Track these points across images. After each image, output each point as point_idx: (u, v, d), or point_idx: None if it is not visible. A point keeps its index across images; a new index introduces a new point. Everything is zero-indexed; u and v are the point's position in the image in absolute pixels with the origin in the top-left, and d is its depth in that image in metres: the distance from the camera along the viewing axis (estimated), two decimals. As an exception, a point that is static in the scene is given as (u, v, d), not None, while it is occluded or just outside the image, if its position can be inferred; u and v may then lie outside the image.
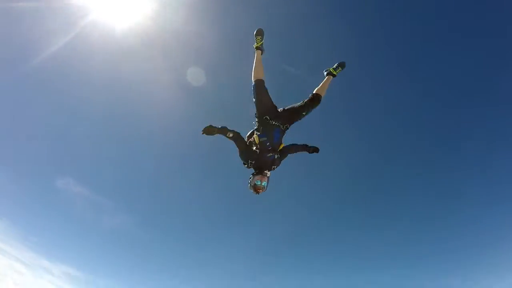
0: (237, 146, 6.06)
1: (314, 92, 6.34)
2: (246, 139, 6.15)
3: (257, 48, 6.60)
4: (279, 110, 6.22)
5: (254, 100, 6.13)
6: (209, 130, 5.87)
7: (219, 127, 5.88)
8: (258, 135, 6.02)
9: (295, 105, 6.25)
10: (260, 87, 6.15)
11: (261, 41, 6.73)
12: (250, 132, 6.30)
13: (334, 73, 6.78)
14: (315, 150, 6.57)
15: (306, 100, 6.20)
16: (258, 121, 6.16)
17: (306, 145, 6.55)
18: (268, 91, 6.18)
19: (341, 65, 7.00)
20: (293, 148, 6.42)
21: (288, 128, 6.24)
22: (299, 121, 6.29)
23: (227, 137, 5.96)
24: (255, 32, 6.66)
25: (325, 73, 6.78)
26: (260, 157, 5.98)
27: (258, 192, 5.84)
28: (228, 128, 5.94)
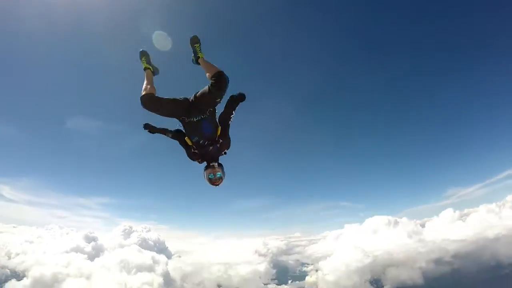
0: (182, 147, 7.03)
1: (209, 77, 6.69)
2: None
3: (144, 68, 7.48)
4: (190, 100, 6.78)
5: (153, 113, 6.78)
6: (151, 129, 7.20)
7: (160, 127, 7.17)
8: (189, 137, 6.86)
9: (202, 93, 6.67)
10: (150, 101, 6.71)
11: (147, 59, 7.65)
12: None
13: (200, 54, 7.44)
14: (241, 98, 6.75)
15: (210, 87, 6.56)
16: (181, 124, 6.92)
17: (231, 101, 6.79)
18: (164, 96, 6.82)
19: (193, 41, 7.51)
20: (225, 115, 6.84)
21: (214, 110, 6.79)
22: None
23: (167, 137, 7.10)
24: (140, 53, 7.70)
25: (194, 62, 7.60)
26: (203, 154, 6.82)
27: (216, 184, 6.78)
28: (169, 129, 7.08)
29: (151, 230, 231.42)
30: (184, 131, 6.98)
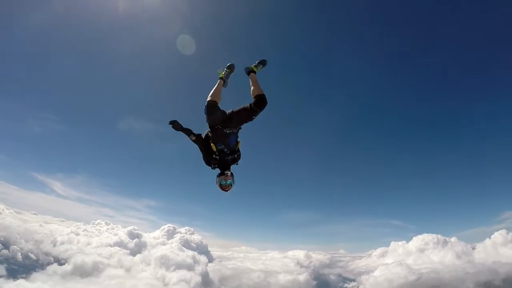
0: (200, 151, 7.91)
1: (253, 95, 7.96)
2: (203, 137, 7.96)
3: (220, 78, 8.43)
4: (227, 113, 7.96)
5: (205, 116, 7.89)
6: (176, 126, 7.87)
7: (185, 127, 7.87)
8: (215, 144, 7.76)
9: (244, 108, 7.91)
10: (212, 108, 7.86)
11: (228, 73, 8.63)
12: (206, 133, 7.97)
13: (255, 70, 8.49)
14: (259, 103, 7.86)
15: (252, 105, 7.84)
16: (211, 131, 7.88)
17: (245, 107, 7.95)
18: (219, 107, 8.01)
19: (262, 62, 8.67)
20: (247, 114, 7.96)
21: (241, 128, 8.03)
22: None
23: (189, 138, 7.87)
24: (228, 65, 8.65)
25: (246, 71, 8.49)
26: (221, 162, 7.82)
27: (226, 190, 7.75)
28: (193, 131, 7.85)
29: (194, 233, 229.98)
30: (210, 137, 7.90)
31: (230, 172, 7.77)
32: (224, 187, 7.72)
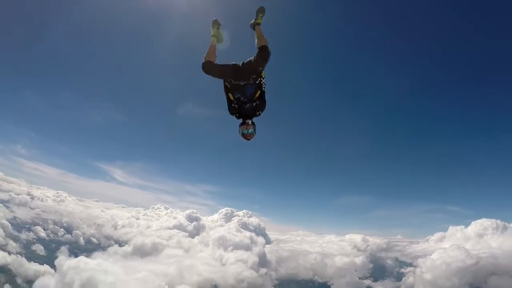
0: (227, 102, 8.63)
1: (257, 47, 8.46)
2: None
3: (212, 35, 9.03)
4: (239, 65, 8.51)
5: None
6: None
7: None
8: (232, 94, 8.42)
9: (250, 60, 8.39)
10: (207, 67, 8.41)
11: (216, 30, 9.15)
12: (224, 83, 8.67)
13: (259, 21, 8.94)
14: (262, 54, 8.31)
15: (255, 56, 8.30)
16: (225, 83, 8.55)
17: (251, 60, 8.42)
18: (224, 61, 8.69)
19: (259, 11, 8.96)
20: (253, 65, 8.36)
21: (258, 77, 8.41)
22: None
23: (223, 89, 8.70)
24: (212, 21, 9.29)
25: (251, 26, 9.01)
26: (241, 110, 8.33)
27: (248, 139, 8.36)
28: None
29: (252, 217, 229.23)
30: (227, 87, 8.56)
31: (251, 121, 8.34)
32: (246, 136, 8.33)
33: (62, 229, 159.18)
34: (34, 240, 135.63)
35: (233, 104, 8.42)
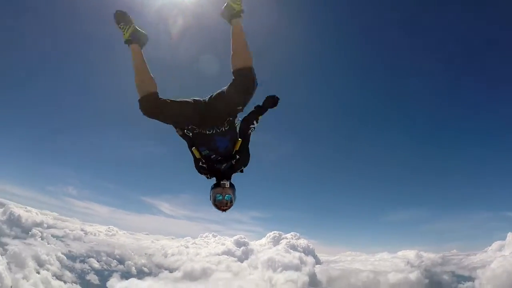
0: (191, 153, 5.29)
1: (234, 67, 4.67)
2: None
3: (126, 41, 5.03)
4: (205, 101, 5.05)
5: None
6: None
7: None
8: (197, 149, 5.14)
9: (223, 91, 4.88)
10: (149, 105, 4.75)
11: (127, 29, 5.07)
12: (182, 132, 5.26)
13: (238, 8, 4.83)
14: (273, 102, 5.37)
15: (230, 85, 4.76)
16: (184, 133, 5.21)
17: (259, 106, 5.32)
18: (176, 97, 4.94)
19: None
20: (246, 124, 5.23)
21: (234, 121, 5.15)
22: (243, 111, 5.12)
23: (176, 132, 5.16)
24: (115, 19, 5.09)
25: (227, 15, 4.89)
26: (212, 169, 5.17)
27: (223, 209, 5.13)
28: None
29: (300, 238, 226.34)
30: (190, 139, 5.20)
31: (228, 183, 5.09)
32: (221, 205, 5.05)
33: (115, 260, 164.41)
34: (88, 270, 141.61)
35: (200, 163, 5.23)
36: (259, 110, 5.27)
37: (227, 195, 5.01)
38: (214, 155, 5.15)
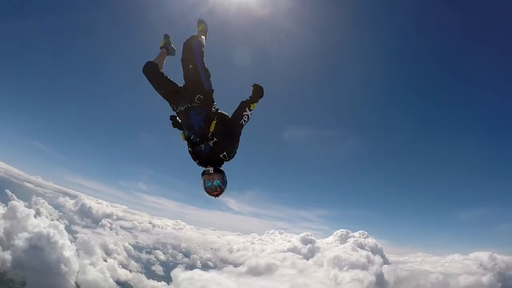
0: None
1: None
2: None
3: (161, 47, 6.76)
4: (182, 87, 5.75)
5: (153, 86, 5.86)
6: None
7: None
8: (183, 132, 5.57)
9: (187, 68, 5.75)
10: (150, 68, 5.91)
11: (167, 42, 6.91)
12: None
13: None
14: (258, 93, 5.73)
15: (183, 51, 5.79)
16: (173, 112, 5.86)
17: (246, 100, 5.72)
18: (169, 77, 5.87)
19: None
20: (237, 113, 5.61)
21: (208, 99, 5.59)
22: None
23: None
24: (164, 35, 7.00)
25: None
26: (197, 155, 5.43)
27: (213, 195, 5.42)
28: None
29: (369, 237, 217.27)
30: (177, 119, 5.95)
31: (212, 168, 5.32)
32: (210, 191, 5.36)
33: (181, 254, 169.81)
34: (154, 261, 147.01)
35: (188, 147, 5.51)
36: (246, 103, 5.64)
37: (215, 181, 5.29)
38: (192, 136, 5.40)
